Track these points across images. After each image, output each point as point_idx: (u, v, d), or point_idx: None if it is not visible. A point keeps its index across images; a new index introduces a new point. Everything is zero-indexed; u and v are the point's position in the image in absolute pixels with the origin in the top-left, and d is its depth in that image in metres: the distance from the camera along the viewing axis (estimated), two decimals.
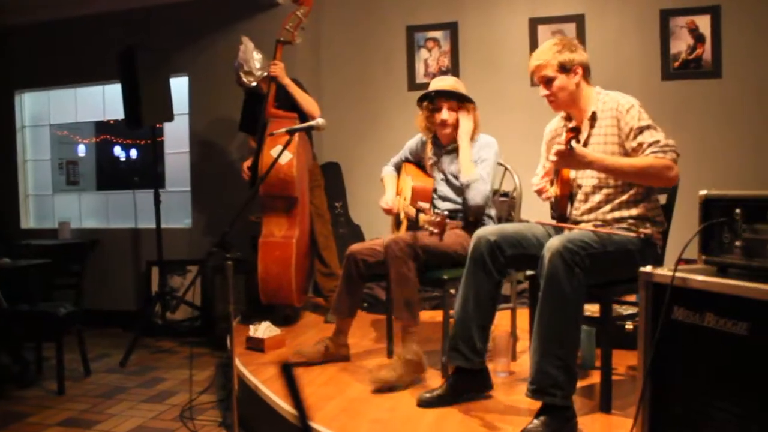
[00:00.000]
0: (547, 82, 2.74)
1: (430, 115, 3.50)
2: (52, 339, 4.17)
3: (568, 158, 2.54)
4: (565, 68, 2.70)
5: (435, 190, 3.52)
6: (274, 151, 4.14)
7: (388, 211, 3.60)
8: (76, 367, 4.48)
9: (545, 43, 2.80)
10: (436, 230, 2.84)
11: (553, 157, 2.56)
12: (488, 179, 3.34)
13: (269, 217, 4.43)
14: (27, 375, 4.41)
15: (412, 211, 3.05)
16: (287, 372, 0.95)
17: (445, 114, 3.42)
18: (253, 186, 4.41)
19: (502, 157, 3.54)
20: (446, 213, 2.92)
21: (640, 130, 2.55)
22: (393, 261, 3.11)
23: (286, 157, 4.23)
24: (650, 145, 2.52)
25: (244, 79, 4.65)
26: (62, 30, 6.33)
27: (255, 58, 4.64)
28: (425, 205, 3.01)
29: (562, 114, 2.91)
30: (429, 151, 3.61)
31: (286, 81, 4.47)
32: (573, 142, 2.50)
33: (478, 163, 3.39)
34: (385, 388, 3.00)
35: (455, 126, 3.45)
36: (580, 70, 2.72)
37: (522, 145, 4.73)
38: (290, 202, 4.38)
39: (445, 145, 3.53)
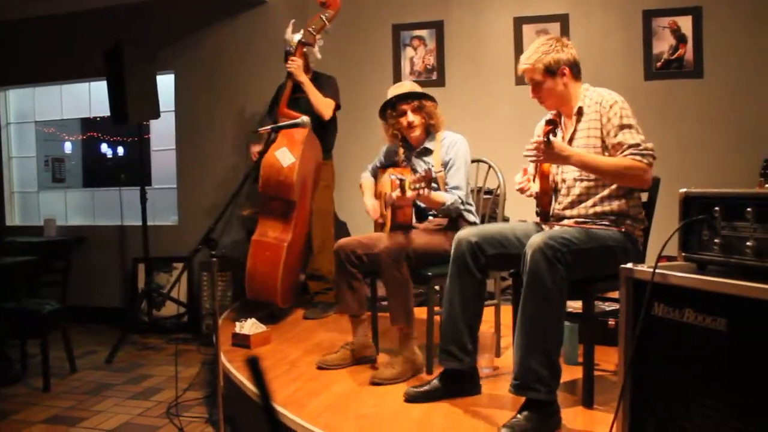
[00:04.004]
0: (536, 85, 2.77)
1: (395, 122, 3.53)
2: (36, 336, 4.16)
3: (546, 151, 2.55)
4: (551, 71, 2.71)
5: None
6: (279, 152, 4.15)
7: (371, 214, 3.63)
8: (61, 364, 4.47)
9: (532, 45, 2.80)
10: (423, 185, 2.88)
11: (528, 152, 2.59)
12: (465, 190, 3.40)
13: (265, 216, 4.42)
14: (11, 372, 4.39)
15: (395, 187, 3.06)
16: (253, 366, 0.96)
17: (411, 116, 3.46)
18: (255, 182, 4.41)
19: (477, 154, 3.56)
20: (431, 168, 2.96)
21: (621, 129, 2.58)
22: (389, 271, 3.14)
23: (289, 160, 4.21)
24: (630, 146, 2.54)
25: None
26: (48, 26, 6.30)
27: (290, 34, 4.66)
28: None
29: (553, 112, 2.94)
30: (401, 153, 3.66)
31: (302, 79, 4.49)
32: (551, 135, 2.53)
33: (448, 168, 3.43)
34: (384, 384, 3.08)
35: (422, 126, 3.50)
36: (567, 71, 2.73)
37: (506, 142, 4.76)
38: (288, 205, 4.35)
39: (415, 146, 3.58)
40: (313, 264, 4.78)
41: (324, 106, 4.54)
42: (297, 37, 4.58)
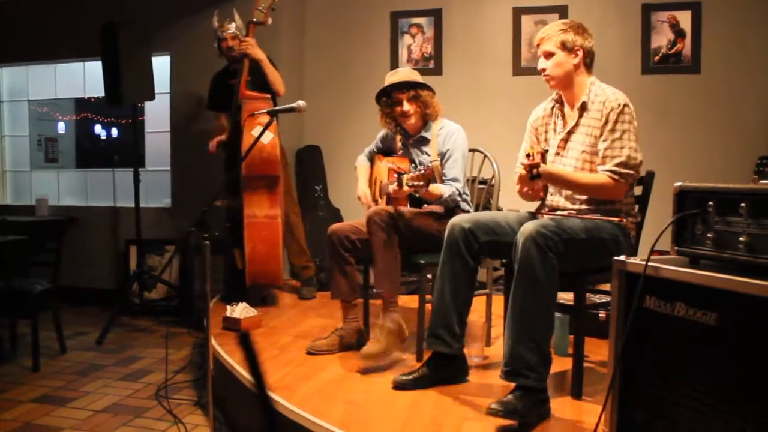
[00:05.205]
0: (547, 56, 2.78)
1: (391, 111, 3.53)
2: (26, 316, 4.15)
3: (535, 182, 2.64)
4: (566, 47, 2.74)
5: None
6: (256, 132, 4.15)
7: (362, 201, 3.62)
8: (51, 344, 4.46)
9: (556, 21, 2.86)
10: (422, 183, 2.88)
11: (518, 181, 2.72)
12: (462, 182, 3.39)
13: (250, 197, 4.41)
14: (0, 352, 4.38)
15: (392, 182, 3.08)
16: (245, 342, 0.96)
17: (406, 105, 3.46)
18: (233, 167, 4.42)
19: (473, 143, 3.57)
20: (430, 165, 2.97)
21: (611, 139, 2.61)
22: (375, 231, 3.12)
23: (269, 136, 4.23)
24: (612, 159, 2.59)
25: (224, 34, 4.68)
26: (43, 4, 6.24)
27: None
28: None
29: (553, 96, 2.94)
30: (398, 141, 3.66)
31: (259, 56, 4.50)
32: (534, 171, 2.53)
33: (445, 159, 3.42)
34: (374, 364, 3.09)
35: (418, 115, 3.48)
36: (581, 53, 2.75)
37: (503, 132, 4.76)
38: (272, 181, 4.38)
39: (413, 134, 3.57)
40: (292, 239, 4.84)
41: (280, 82, 4.60)
42: (233, 25, 4.65)
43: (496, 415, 2.33)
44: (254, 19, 4.47)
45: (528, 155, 2.52)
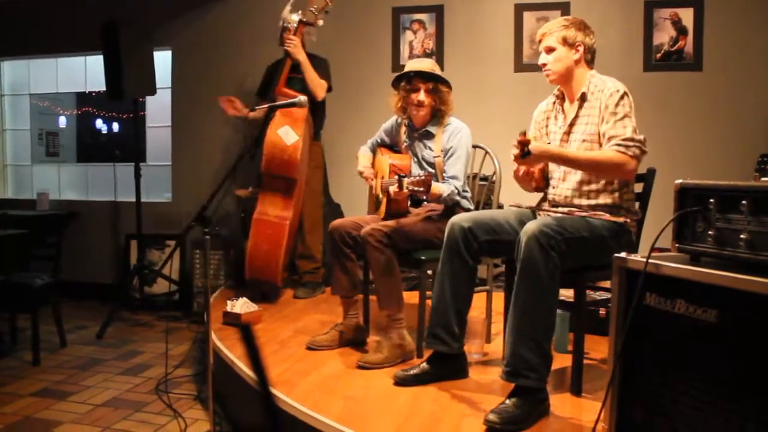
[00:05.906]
0: (548, 51, 2.80)
1: (406, 96, 3.49)
2: (27, 310, 4.15)
3: (526, 162, 2.62)
4: (567, 42, 2.76)
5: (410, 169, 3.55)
6: (282, 130, 4.15)
7: (362, 173, 3.61)
8: (51, 338, 4.47)
9: (559, 18, 2.89)
10: (421, 188, 2.88)
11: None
12: (462, 180, 3.38)
13: (265, 194, 4.41)
14: (1, 345, 4.38)
15: (392, 183, 3.07)
16: (247, 334, 0.96)
17: (422, 95, 3.43)
18: (252, 159, 4.41)
19: (474, 140, 3.55)
20: (431, 171, 2.96)
21: (613, 120, 2.60)
22: (373, 252, 3.12)
23: (292, 138, 4.22)
24: (617, 137, 2.57)
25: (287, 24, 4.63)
26: None
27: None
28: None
29: (555, 92, 2.94)
30: (403, 134, 3.63)
31: (300, 57, 4.50)
32: (526, 149, 2.53)
33: (448, 156, 3.41)
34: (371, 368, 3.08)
35: (429, 108, 3.47)
36: (581, 49, 2.76)
37: (503, 129, 4.72)
38: (289, 183, 4.37)
39: (418, 128, 3.55)
40: (302, 243, 4.81)
41: (318, 86, 4.57)
42: (296, 16, 4.57)
43: (493, 427, 2.31)
44: (304, 19, 4.48)
45: (521, 133, 2.53)
